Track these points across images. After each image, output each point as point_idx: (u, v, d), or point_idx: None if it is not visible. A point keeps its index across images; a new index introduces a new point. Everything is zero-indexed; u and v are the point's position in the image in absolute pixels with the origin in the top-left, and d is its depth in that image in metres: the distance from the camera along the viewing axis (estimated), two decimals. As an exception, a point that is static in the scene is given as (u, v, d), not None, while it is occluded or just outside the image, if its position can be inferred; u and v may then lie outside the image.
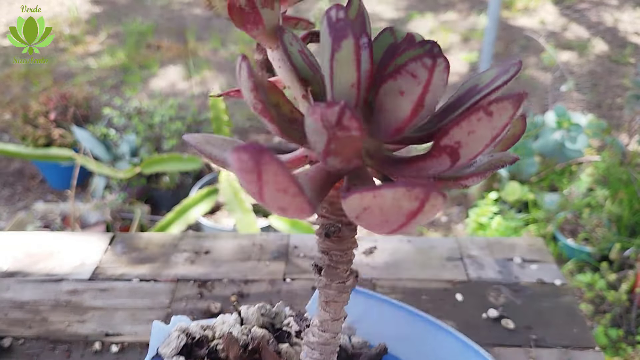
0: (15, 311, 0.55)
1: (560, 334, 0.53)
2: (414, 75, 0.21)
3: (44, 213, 1.66)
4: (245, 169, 0.18)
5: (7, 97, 2.29)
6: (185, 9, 3.36)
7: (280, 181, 0.19)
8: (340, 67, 0.22)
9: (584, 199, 1.65)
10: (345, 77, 0.22)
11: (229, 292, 0.58)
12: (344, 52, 0.21)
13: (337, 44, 0.21)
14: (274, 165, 0.18)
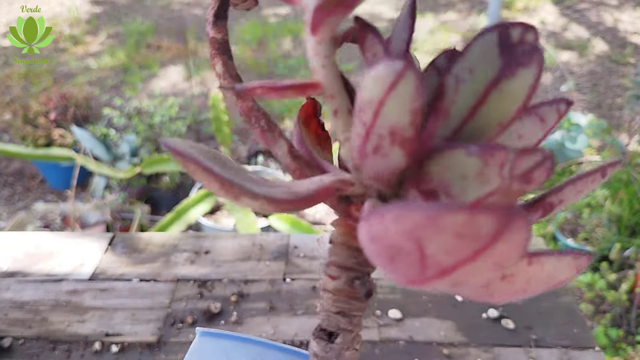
0: (15, 311, 0.55)
1: (560, 334, 0.53)
2: (542, 120, 0.18)
3: (44, 213, 1.66)
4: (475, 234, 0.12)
5: (7, 97, 2.29)
6: (185, 9, 3.36)
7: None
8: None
9: (584, 199, 1.65)
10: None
11: (229, 292, 0.58)
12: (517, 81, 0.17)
13: (509, 71, 0.17)
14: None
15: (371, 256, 0.16)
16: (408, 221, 0.13)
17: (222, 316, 0.55)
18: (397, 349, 0.52)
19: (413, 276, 0.14)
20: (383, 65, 0.14)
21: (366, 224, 0.15)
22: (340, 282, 0.24)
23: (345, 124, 0.19)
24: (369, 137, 0.16)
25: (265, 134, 0.23)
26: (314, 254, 0.63)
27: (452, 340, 0.53)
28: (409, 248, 0.14)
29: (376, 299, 0.57)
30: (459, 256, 0.13)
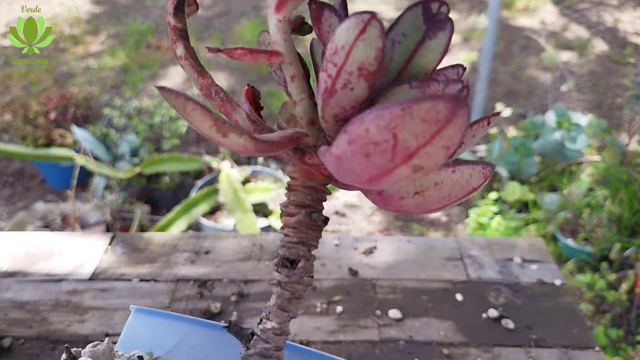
0: (15, 311, 0.55)
1: (560, 334, 0.53)
2: (451, 70, 0.24)
3: (44, 213, 1.66)
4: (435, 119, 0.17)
5: (7, 97, 2.29)
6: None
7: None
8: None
9: (584, 199, 1.65)
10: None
11: (229, 292, 0.58)
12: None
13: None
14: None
15: (344, 164, 0.20)
16: (387, 115, 0.17)
17: (222, 316, 0.55)
18: (397, 349, 0.52)
19: (385, 165, 0.19)
20: (354, 17, 0.19)
21: (344, 134, 0.19)
22: (300, 216, 0.29)
23: (300, 86, 0.25)
24: (340, 75, 0.21)
25: (225, 104, 0.27)
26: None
27: (452, 340, 0.53)
28: (384, 138, 0.18)
29: (376, 298, 0.57)
30: (422, 139, 0.18)
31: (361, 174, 0.20)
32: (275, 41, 0.23)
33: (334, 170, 0.21)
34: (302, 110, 0.25)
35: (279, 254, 0.30)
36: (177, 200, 1.65)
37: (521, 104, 2.38)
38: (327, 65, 0.21)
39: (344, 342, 0.52)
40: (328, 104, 0.22)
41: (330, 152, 0.20)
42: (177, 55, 0.26)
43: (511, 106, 2.08)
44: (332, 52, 0.20)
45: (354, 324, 0.54)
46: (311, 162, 0.28)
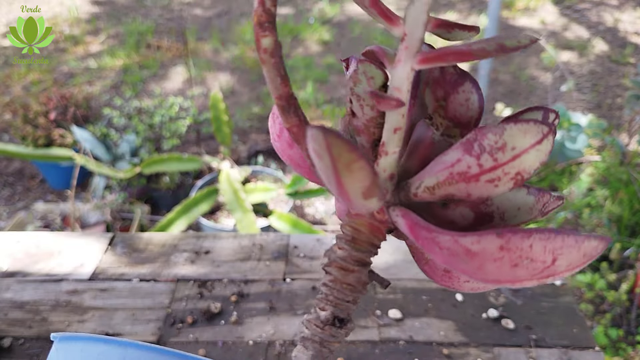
0: (15, 311, 0.55)
1: (560, 334, 0.53)
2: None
3: (44, 213, 1.66)
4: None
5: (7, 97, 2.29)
6: (185, 9, 3.36)
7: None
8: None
9: (584, 199, 1.65)
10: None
11: (229, 292, 0.58)
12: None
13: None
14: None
15: (472, 260, 0.20)
16: (559, 242, 0.19)
17: (222, 316, 0.55)
18: (397, 349, 0.52)
19: (522, 277, 0.20)
20: (534, 123, 0.20)
21: (496, 238, 0.19)
22: (361, 274, 0.27)
23: (400, 141, 0.23)
24: (493, 171, 0.21)
25: (301, 124, 0.24)
26: (313, 254, 0.63)
27: (452, 340, 0.53)
28: (543, 259, 0.19)
29: (376, 299, 0.57)
30: (572, 267, 0.20)
31: (492, 275, 0.20)
32: (399, 89, 0.21)
33: (444, 260, 0.21)
34: (389, 164, 0.24)
35: (322, 310, 0.28)
36: (177, 200, 1.65)
37: (521, 104, 2.38)
38: (481, 154, 0.20)
39: (343, 342, 0.52)
40: (453, 183, 0.22)
41: (458, 241, 0.20)
42: (261, 47, 0.21)
43: (511, 106, 2.08)
44: (495, 146, 0.20)
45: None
46: (380, 218, 0.26)
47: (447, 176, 0.22)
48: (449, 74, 0.25)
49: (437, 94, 0.25)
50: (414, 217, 0.23)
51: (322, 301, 0.28)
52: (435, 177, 0.22)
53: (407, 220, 0.23)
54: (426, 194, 0.23)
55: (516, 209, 0.24)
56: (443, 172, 0.22)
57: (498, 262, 0.19)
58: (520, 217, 0.24)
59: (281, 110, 0.23)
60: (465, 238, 0.19)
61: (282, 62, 0.22)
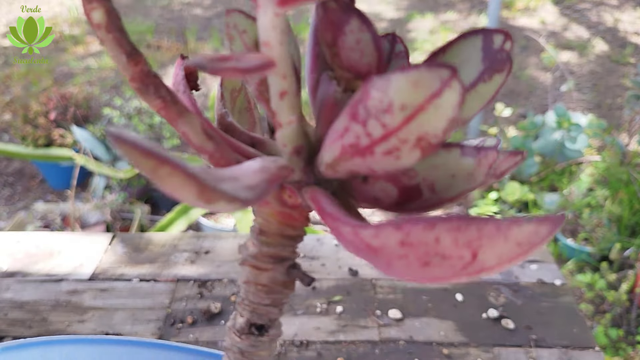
0: (15, 311, 0.55)
1: (560, 334, 0.53)
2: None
3: (44, 213, 1.66)
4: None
5: (7, 97, 2.29)
6: (185, 9, 3.36)
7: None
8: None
9: (584, 199, 1.65)
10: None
11: (229, 292, 0.58)
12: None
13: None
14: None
15: (379, 258, 0.16)
16: (473, 232, 0.14)
17: (222, 316, 0.55)
18: (397, 349, 0.52)
19: (442, 276, 0.15)
20: (426, 69, 0.14)
21: (396, 231, 0.15)
22: (276, 273, 0.23)
23: (292, 106, 0.18)
24: (387, 140, 0.16)
25: (169, 106, 0.19)
26: (313, 254, 0.63)
27: (452, 340, 0.53)
28: (459, 254, 0.15)
29: (376, 299, 0.57)
30: (506, 261, 0.15)
31: (402, 273, 0.16)
32: (268, 43, 0.16)
33: (355, 253, 0.17)
34: (288, 137, 0.19)
35: (240, 315, 0.24)
36: (177, 200, 1.65)
37: (521, 104, 2.38)
38: (367, 120, 0.16)
39: (344, 342, 0.52)
40: (348, 159, 0.17)
41: (358, 234, 0.16)
42: (94, 23, 0.18)
43: (511, 106, 2.08)
44: (380, 107, 0.15)
45: (354, 324, 0.54)
46: (292, 202, 0.22)
47: (341, 150, 0.17)
48: (332, 12, 0.19)
49: (327, 39, 0.19)
50: (322, 201, 0.19)
51: (240, 305, 0.24)
52: (331, 152, 0.18)
53: (315, 204, 0.19)
54: (329, 171, 0.19)
55: (449, 176, 0.19)
56: (336, 145, 0.17)
57: (404, 260, 0.15)
58: (459, 186, 0.19)
59: (139, 93, 0.19)
60: (365, 231, 0.16)
61: (125, 36, 0.18)
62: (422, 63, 0.15)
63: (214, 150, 0.20)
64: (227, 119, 0.23)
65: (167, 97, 0.19)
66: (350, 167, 0.18)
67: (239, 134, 0.23)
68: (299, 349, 0.51)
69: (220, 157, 0.20)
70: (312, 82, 0.21)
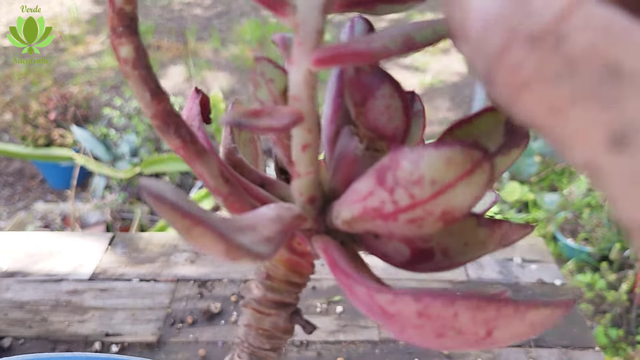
0: (15, 311, 0.55)
1: (560, 334, 0.53)
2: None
3: (44, 213, 1.66)
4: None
5: (7, 97, 2.29)
6: (185, 9, 3.36)
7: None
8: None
9: (584, 199, 1.65)
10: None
11: (229, 292, 0.58)
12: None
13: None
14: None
15: (392, 323, 0.16)
16: (491, 311, 0.15)
17: (222, 316, 0.55)
18: (397, 349, 0.52)
19: (453, 347, 0.16)
20: (459, 147, 0.15)
21: (414, 302, 0.15)
22: (279, 318, 0.24)
23: (312, 159, 0.19)
24: (413, 210, 0.16)
25: (188, 146, 0.19)
26: (314, 254, 0.63)
27: (452, 340, 0.53)
28: (474, 331, 0.15)
29: (376, 299, 0.57)
30: (518, 338, 0.16)
31: (415, 340, 0.16)
32: (299, 98, 0.17)
33: (365, 311, 0.17)
34: (305, 187, 0.19)
35: (238, 357, 0.24)
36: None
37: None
38: (395, 188, 0.16)
39: (344, 342, 0.52)
40: (369, 220, 0.17)
41: (373, 297, 0.16)
42: (121, 58, 0.18)
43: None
44: (410, 179, 0.15)
45: (354, 324, 0.54)
46: (300, 249, 0.22)
47: (362, 211, 0.17)
48: (364, 74, 0.19)
49: (355, 99, 0.20)
50: (335, 254, 0.19)
51: (239, 347, 0.24)
52: (350, 210, 0.18)
53: (327, 257, 0.19)
54: (345, 226, 0.19)
55: (462, 244, 0.20)
56: (357, 206, 0.18)
57: (419, 330, 0.16)
58: (470, 253, 0.20)
59: (159, 131, 0.19)
60: (381, 295, 0.16)
61: (151, 73, 0.18)
62: (455, 141, 0.15)
63: (228, 194, 0.20)
64: (237, 154, 0.24)
65: (187, 137, 0.19)
66: (369, 227, 0.18)
67: (248, 172, 0.23)
68: (299, 349, 0.51)
69: (234, 201, 0.21)
70: (330, 133, 0.21)
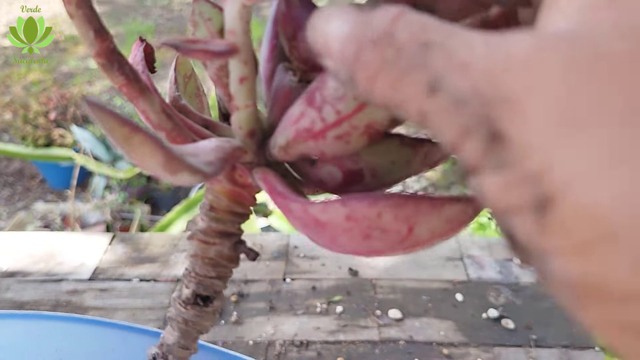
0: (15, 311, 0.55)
1: (560, 334, 0.53)
2: None
3: (44, 213, 1.66)
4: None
5: (7, 97, 2.29)
6: (185, 9, 3.36)
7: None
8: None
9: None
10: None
11: (229, 292, 0.58)
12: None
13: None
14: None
15: (325, 231, 0.17)
16: (411, 207, 0.16)
17: (222, 316, 0.55)
18: (397, 349, 0.52)
19: (381, 249, 0.17)
20: None
21: (342, 207, 0.17)
22: (223, 247, 0.25)
23: (250, 91, 0.19)
24: (339, 126, 0.17)
25: (131, 83, 0.20)
26: (313, 254, 0.63)
27: (452, 340, 0.53)
28: (397, 229, 0.16)
29: (376, 298, 0.57)
30: (436, 235, 0.17)
31: (345, 247, 0.18)
32: (234, 31, 0.17)
33: (301, 229, 0.19)
34: (243, 120, 0.20)
35: (186, 287, 0.26)
36: (177, 200, 1.65)
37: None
38: (323, 106, 0.17)
39: (344, 342, 0.52)
40: (302, 142, 0.19)
41: (307, 210, 0.17)
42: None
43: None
44: (336, 95, 0.17)
45: (354, 324, 0.54)
46: (242, 181, 0.23)
47: (295, 133, 0.19)
48: (294, 8, 0.20)
49: (287, 33, 0.20)
50: (272, 181, 0.20)
51: (187, 277, 0.26)
52: (284, 136, 0.19)
53: (266, 184, 0.20)
54: (282, 154, 0.20)
55: (389, 163, 0.21)
56: (291, 129, 0.19)
57: (348, 233, 0.17)
58: (397, 172, 0.21)
59: (103, 69, 0.20)
60: (313, 207, 0.17)
61: (95, 13, 0.19)
62: None
63: (171, 129, 0.21)
64: (181, 101, 0.25)
65: (130, 75, 0.20)
66: (303, 149, 0.19)
67: (192, 116, 0.24)
68: (299, 349, 0.51)
69: (177, 135, 0.21)
70: (267, 71, 0.22)
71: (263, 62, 0.22)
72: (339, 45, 0.13)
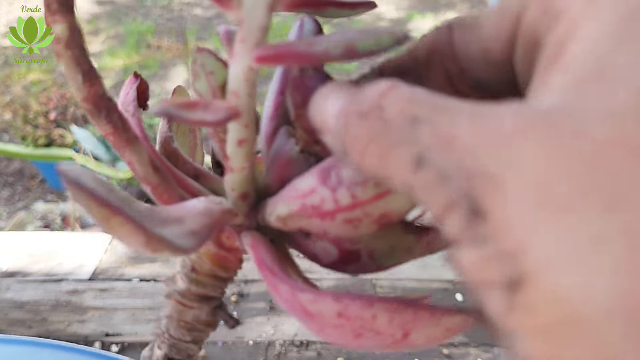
0: (15, 311, 0.55)
1: (560, 334, 0.53)
2: None
3: (44, 213, 1.66)
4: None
5: (7, 97, 2.29)
6: (185, 9, 3.36)
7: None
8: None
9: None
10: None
11: (229, 292, 0.58)
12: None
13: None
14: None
15: (313, 322, 0.16)
16: (408, 316, 0.15)
17: (222, 316, 0.55)
18: (397, 349, 0.51)
19: (370, 347, 0.17)
20: None
21: (335, 302, 0.16)
22: (202, 311, 0.24)
23: (247, 154, 0.18)
24: (352, 211, 0.16)
25: (118, 132, 0.19)
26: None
27: (452, 340, 0.53)
28: (391, 333, 0.16)
29: (376, 299, 0.57)
30: (432, 340, 0.16)
31: (333, 339, 0.17)
32: (237, 93, 0.17)
33: (288, 308, 0.18)
34: (237, 182, 0.19)
35: (158, 348, 0.24)
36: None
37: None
38: (338, 187, 0.16)
39: None
40: (305, 217, 0.18)
41: (296, 296, 0.16)
42: (55, 36, 0.17)
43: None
44: (355, 180, 0.16)
45: (354, 324, 0.54)
46: (229, 244, 0.22)
47: (300, 207, 0.18)
48: (307, 76, 0.19)
49: (296, 100, 0.19)
50: (262, 251, 0.19)
51: (160, 337, 0.24)
52: (287, 206, 0.18)
53: (255, 253, 0.19)
54: (279, 223, 0.19)
55: (389, 247, 0.20)
56: (295, 202, 0.18)
57: (339, 329, 0.16)
58: (396, 257, 0.21)
59: (90, 115, 0.18)
60: (303, 295, 0.16)
61: (85, 54, 0.18)
62: None
63: (158, 184, 0.20)
64: (172, 144, 0.23)
65: (118, 123, 0.19)
66: (304, 225, 0.18)
67: (182, 163, 0.23)
68: (299, 349, 0.51)
69: (163, 191, 0.20)
70: (269, 129, 0.21)
71: (266, 118, 0.21)
72: (333, 120, 0.14)
